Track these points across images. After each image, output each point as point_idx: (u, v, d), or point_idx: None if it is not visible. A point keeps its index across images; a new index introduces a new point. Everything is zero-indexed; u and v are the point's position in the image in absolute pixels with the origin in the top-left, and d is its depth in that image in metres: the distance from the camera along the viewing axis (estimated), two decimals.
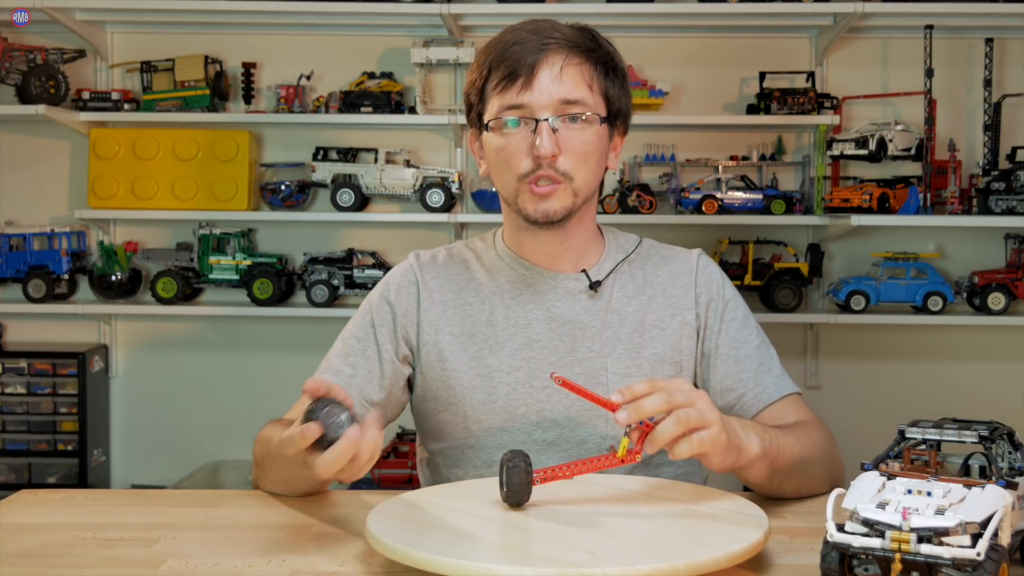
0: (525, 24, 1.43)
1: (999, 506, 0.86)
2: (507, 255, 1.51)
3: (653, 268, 1.52)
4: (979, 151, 3.00)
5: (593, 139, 1.40)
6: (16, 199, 3.17)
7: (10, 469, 3.02)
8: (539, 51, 1.38)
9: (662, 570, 0.93)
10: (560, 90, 1.37)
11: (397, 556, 1.00)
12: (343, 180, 3.05)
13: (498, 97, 1.40)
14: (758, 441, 1.23)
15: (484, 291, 1.49)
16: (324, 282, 3.01)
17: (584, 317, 1.46)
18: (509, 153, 1.39)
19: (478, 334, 1.47)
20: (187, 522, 1.22)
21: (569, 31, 1.41)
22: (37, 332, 3.17)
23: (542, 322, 1.46)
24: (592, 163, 1.41)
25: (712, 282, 1.51)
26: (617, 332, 1.46)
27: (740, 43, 3.12)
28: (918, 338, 3.14)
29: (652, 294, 1.49)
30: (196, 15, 3.05)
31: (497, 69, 1.40)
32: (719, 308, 1.50)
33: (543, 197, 1.39)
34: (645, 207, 2.97)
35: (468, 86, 1.46)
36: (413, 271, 1.52)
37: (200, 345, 3.21)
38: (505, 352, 1.45)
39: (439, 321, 1.48)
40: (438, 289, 1.50)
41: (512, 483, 1.13)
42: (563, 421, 1.44)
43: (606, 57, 1.42)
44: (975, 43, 3.03)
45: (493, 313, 1.48)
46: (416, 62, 2.98)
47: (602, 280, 1.48)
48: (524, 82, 1.37)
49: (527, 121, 1.38)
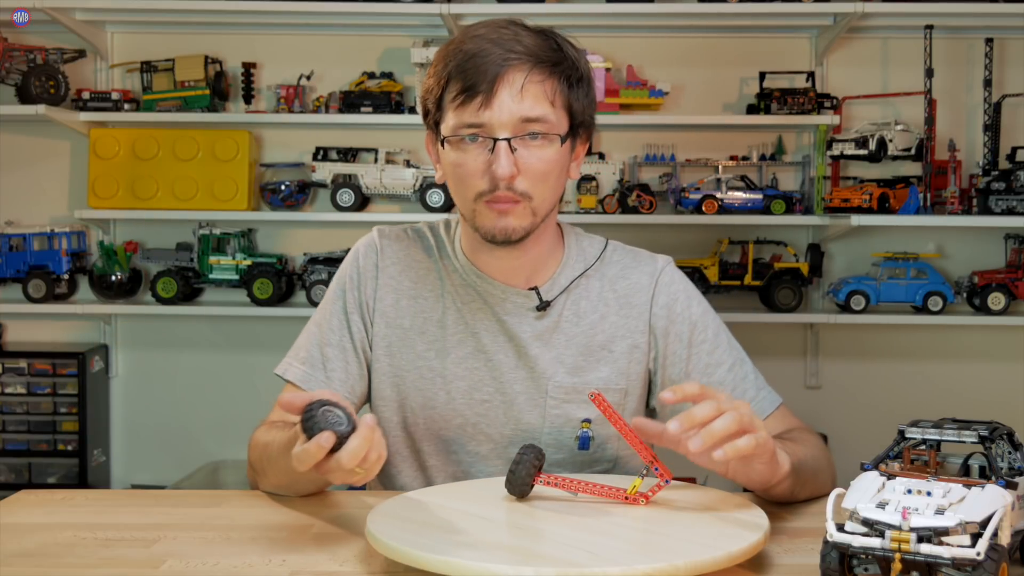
0: (487, 30, 1.34)
1: (999, 506, 0.86)
2: (463, 260, 1.46)
3: (611, 280, 1.46)
4: (979, 151, 3.00)
5: (553, 157, 1.34)
6: (16, 199, 3.17)
7: (10, 469, 3.02)
8: (500, 66, 1.30)
9: (662, 570, 0.93)
10: (520, 108, 1.31)
11: (397, 556, 1.00)
12: (343, 180, 3.05)
13: (456, 112, 1.33)
14: (787, 456, 1.21)
15: (439, 288, 1.46)
16: (324, 282, 3.01)
17: (529, 335, 1.42)
18: (466, 171, 1.34)
19: (428, 333, 1.45)
20: (187, 522, 1.22)
21: (532, 41, 1.33)
22: (37, 332, 3.17)
23: (490, 333, 1.43)
24: (551, 180, 1.36)
25: (675, 301, 1.45)
26: (562, 354, 1.42)
27: (740, 43, 3.12)
28: (918, 338, 3.14)
29: (605, 312, 1.44)
30: (196, 15, 3.05)
31: (456, 81, 1.32)
32: (685, 333, 1.44)
33: (502, 213, 1.34)
34: (645, 207, 2.97)
35: (425, 92, 1.39)
36: (375, 249, 1.49)
37: (200, 345, 3.21)
38: (451, 358, 1.43)
39: (391, 312, 1.46)
40: (396, 275, 1.47)
41: (515, 474, 1.16)
42: (497, 437, 1.43)
43: (570, 69, 1.35)
44: (975, 43, 3.03)
45: (445, 314, 1.45)
46: (416, 62, 2.98)
47: (552, 300, 1.43)
48: (483, 100, 1.30)
49: (485, 139, 1.32)
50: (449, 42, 1.38)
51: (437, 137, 1.39)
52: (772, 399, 1.43)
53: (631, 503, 1.16)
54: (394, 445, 1.47)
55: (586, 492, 1.18)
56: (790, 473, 1.21)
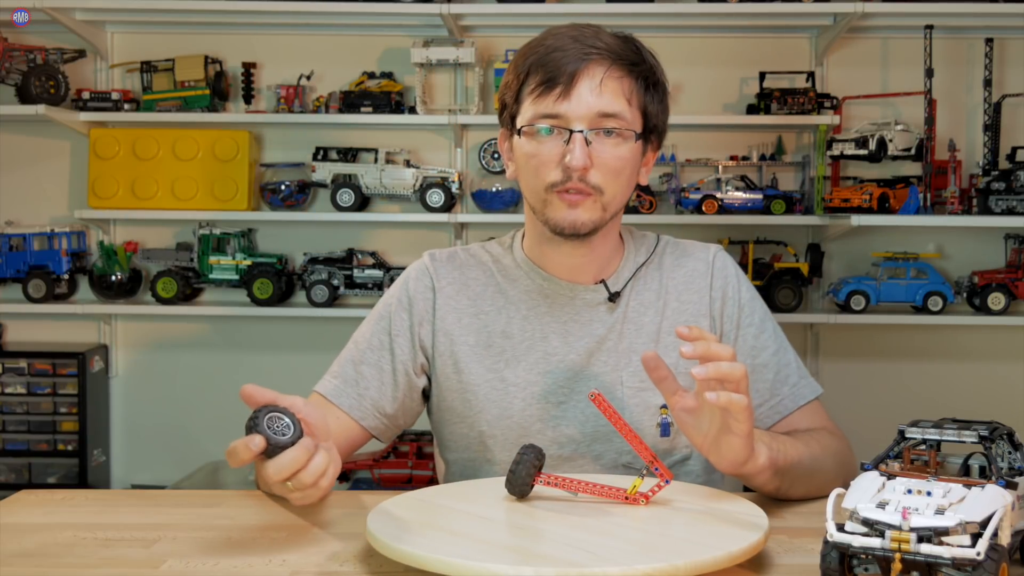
0: (568, 29, 1.39)
1: (999, 506, 0.86)
2: (526, 264, 1.48)
3: (669, 270, 1.50)
4: (979, 151, 3.00)
5: (627, 155, 1.37)
6: (16, 199, 3.17)
7: (10, 469, 3.02)
8: (581, 60, 1.34)
9: (662, 570, 0.93)
10: (599, 103, 1.33)
11: (397, 556, 1.00)
12: (343, 180, 3.05)
13: (533, 103, 1.36)
14: (765, 450, 1.22)
15: (501, 300, 1.47)
16: (324, 282, 3.01)
17: (601, 330, 1.44)
18: (540, 161, 1.36)
19: (494, 345, 1.45)
20: (187, 522, 1.22)
21: (613, 41, 1.38)
22: (37, 332, 3.18)
23: (559, 335, 1.44)
24: (624, 178, 1.38)
25: (728, 284, 1.48)
26: (633, 343, 1.44)
27: (740, 43, 3.12)
28: (918, 338, 3.14)
29: (667, 299, 1.47)
30: (196, 15, 3.05)
31: (536, 73, 1.36)
32: (734, 313, 1.47)
33: (572, 205, 1.35)
34: (645, 207, 2.97)
35: (503, 87, 1.42)
36: (428, 274, 1.49)
37: (200, 345, 3.21)
38: (521, 366, 1.43)
39: (455, 330, 1.46)
40: (454, 295, 1.48)
41: (515, 474, 1.16)
42: (579, 437, 1.42)
43: (648, 72, 1.39)
44: (975, 43, 3.03)
45: (510, 324, 1.45)
46: (416, 62, 2.98)
47: (620, 291, 1.46)
48: (562, 91, 1.33)
49: (561, 131, 1.34)
50: (529, 41, 1.41)
51: (512, 131, 1.41)
52: (813, 388, 1.47)
53: (631, 503, 1.16)
54: (474, 462, 1.46)
55: (586, 492, 1.18)
56: (768, 467, 1.22)
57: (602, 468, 1.41)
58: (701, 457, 1.44)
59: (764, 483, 1.26)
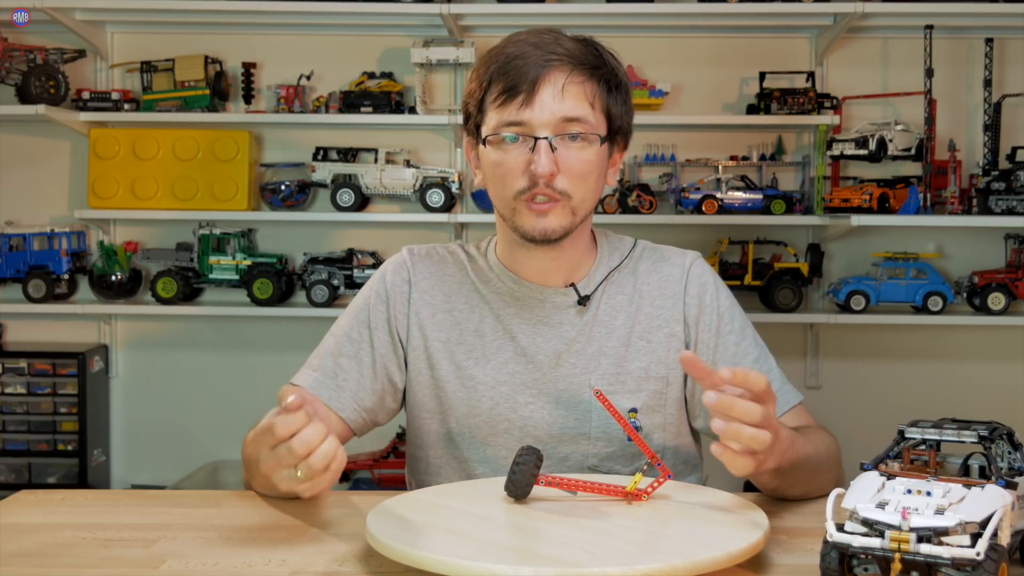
0: (528, 35, 1.39)
1: (999, 506, 0.86)
2: (497, 267, 1.49)
3: (644, 274, 1.49)
4: (979, 151, 3.00)
5: (592, 158, 1.37)
6: (16, 199, 3.17)
7: (10, 469, 3.02)
8: (542, 67, 1.34)
9: (662, 570, 0.93)
10: (561, 108, 1.34)
11: (397, 556, 1.00)
12: (343, 180, 3.05)
13: (497, 111, 1.36)
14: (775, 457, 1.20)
15: (475, 298, 1.49)
16: (324, 282, 3.01)
17: (571, 333, 1.44)
18: (506, 169, 1.37)
19: (465, 343, 1.46)
20: (187, 522, 1.22)
21: (573, 46, 1.37)
22: (37, 332, 3.18)
23: (529, 336, 1.45)
24: (591, 182, 1.38)
25: (705, 292, 1.48)
26: (603, 347, 1.44)
27: (740, 43, 3.12)
28: (918, 338, 3.14)
29: (640, 304, 1.47)
30: (196, 15, 3.05)
31: (498, 82, 1.36)
32: (713, 322, 1.47)
33: (541, 214, 1.36)
34: (645, 207, 2.97)
35: (467, 96, 1.43)
36: (406, 267, 1.51)
37: (200, 345, 3.21)
38: (490, 365, 1.45)
39: (428, 325, 1.47)
40: (429, 290, 1.49)
41: (516, 476, 1.16)
42: (545, 438, 1.43)
43: (610, 74, 1.39)
44: (975, 43, 3.03)
45: (482, 323, 1.47)
46: (416, 62, 2.98)
47: (590, 294, 1.46)
48: (525, 98, 1.34)
49: (526, 138, 1.35)
50: (490, 48, 1.41)
51: (477, 141, 1.41)
52: (789, 399, 1.45)
53: (634, 499, 1.16)
54: (440, 458, 1.48)
55: (585, 491, 1.17)
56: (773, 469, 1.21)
57: (567, 470, 1.41)
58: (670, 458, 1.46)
59: (765, 483, 1.26)
